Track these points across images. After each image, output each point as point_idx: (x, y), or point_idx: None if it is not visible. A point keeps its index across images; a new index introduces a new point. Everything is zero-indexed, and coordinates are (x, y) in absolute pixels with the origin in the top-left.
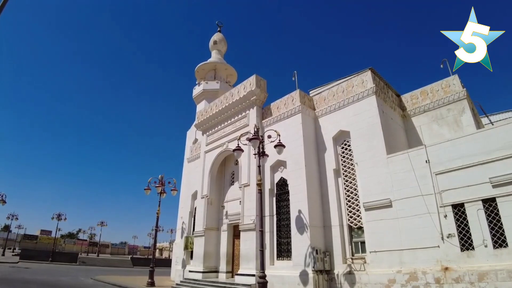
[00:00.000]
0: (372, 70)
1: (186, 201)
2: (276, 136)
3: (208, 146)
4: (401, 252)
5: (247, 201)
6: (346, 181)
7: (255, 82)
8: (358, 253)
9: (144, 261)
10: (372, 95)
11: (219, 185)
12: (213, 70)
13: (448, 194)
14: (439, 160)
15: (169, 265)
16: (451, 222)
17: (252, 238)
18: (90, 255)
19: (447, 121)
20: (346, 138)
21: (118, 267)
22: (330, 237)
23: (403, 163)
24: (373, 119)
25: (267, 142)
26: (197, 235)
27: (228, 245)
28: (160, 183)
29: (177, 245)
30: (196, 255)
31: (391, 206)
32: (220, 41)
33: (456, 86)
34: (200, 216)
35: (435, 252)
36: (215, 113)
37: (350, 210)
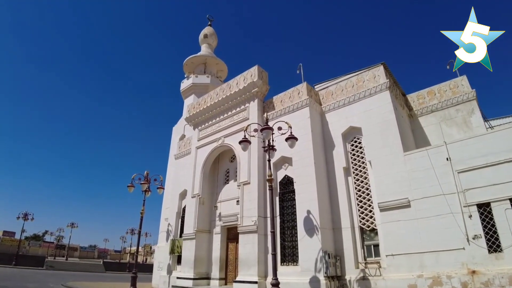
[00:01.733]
0: (384, 65)
1: (172, 201)
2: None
3: (200, 142)
4: (422, 255)
5: (247, 200)
6: (356, 180)
7: (257, 73)
8: (370, 257)
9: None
10: (386, 90)
11: (211, 183)
12: (203, 64)
13: (472, 193)
14: (461, 158)
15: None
16: (476, 222)
17: (254, 241)
18: (58, 258)
19: (456, 121)
20: (357, 135)
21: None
22: (340, 240)
23: (421, 161)
24: (387, 115)
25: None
26: (187, 238)
27: (221, 249)
28: (145, 180)
29: (160, 249)
30: (186, 260)
31: (409, 206)
32: (211, 35)
33: (465, 87)
34: (190, 217)
35: (460, 254)
36: (209, 106)
37: (361, 211)
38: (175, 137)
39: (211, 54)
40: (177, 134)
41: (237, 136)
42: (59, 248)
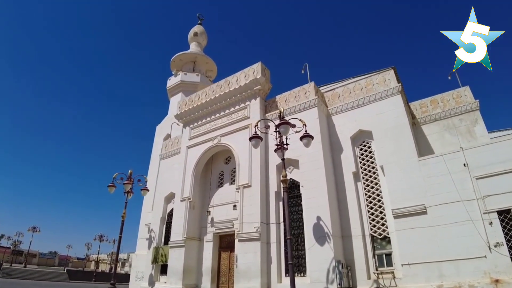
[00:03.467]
0: (395, 69)
1: (156, 205)
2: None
3: (192, 141)
4: (440, 264)
5: (247, 205)
6: (366, 186)
7: (260, 70)
8: (382, 267)
9: (82, 274)
10: (398, 94)
11: (203, 186)
12: (192, 63)
13: (492, 199)
14: (479, 164)
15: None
16: (497, 229)
17: (256, 250)
18: (14, 265)
19: (460, 130)
20: (366, 139)
21: (53, 281)
22: (350, 249)
23: (437, 167)
24: (400, 119)
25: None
26: (175, 246)
27: (213, 259)
28: (128, 180)
29: (139, 257)
30: (173, 270)
31: (426, 213)
32: (201, 33)
33: (468, 97)
34: (178, 223)
35: (481, 262)
36: (204, 103)
37: (372, 218)
38: (159, 137)
39: (201, 52)
40: (162, 133)
41: (236, 135)
42: (16, 254)
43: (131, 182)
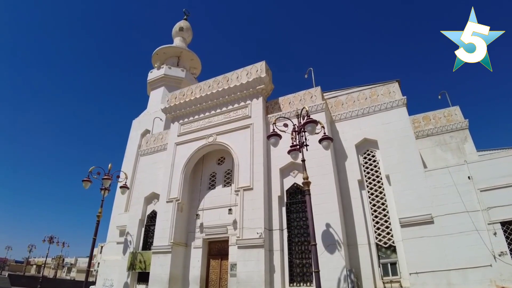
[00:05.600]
0: (399, 82)
1: (134, 206)
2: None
3: (182, 137)
4: (448, 272)
5: (248, 209)
6: (371, 194)
7: (265, 69)
8: (387, 276)
9: (27, 280)
10: (403, 106)
11: (192, 188)
12: (176, 57)
13: (496, 211)
14: (482, 177)
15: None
16: (501, 239)
17: (259, 257)
18: None
19: (450, 147)
20: (370, 148)
21: None
22: (356, 257)
23: (443, 178)
24: (406, 131)
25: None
26: (160, 251)
27: (202, 267)
28: (107, 175)
29: (108, 263)
30: (156, 278)
31: (432, 223)
32: (187, 29)
33: (458, 116)
34: (164, 226)
35: (487, 271)
36: (198, 98)
37: (377, 227)
38: (135, 131)
39: (186, 48)
40: (139, 128)
41: (235, 134)
42: None
43: (110, 178)
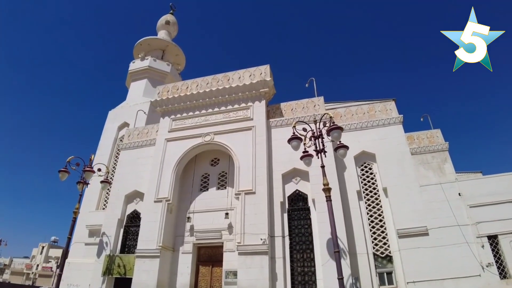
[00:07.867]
0: (395, 101)
1: (112, 204)
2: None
3: (173, 133)
4: (443, 281)
5: (250, 214)
6: (368, 205)
7: (269, 72)
8: (383, 285)
9: None
10: (400, 124)
11: (182, 188)
12: (161, 51)
13: (483, 225)
14: (471, 194)
15: None
16: (488, 252)
17: (262, 265)
18: None
19: (432, 166)
20: (368, 160)
21: None
22: (355, 266)
23: (436, 194)
24: (402, 147)
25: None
26: (145, 255)
27: (191, 274)
28: (89, 167)
29: (73, 266)
30: (140, 285)
31: (427, 234)
32: (173, 23)
33: (439, 138)
34: (151, 228)
35: (477, 280)
36: (194, 94)
37: (374, 237)
38: (111, 123)
39: (171, 42)
40: (116, 120)
41: (235, 135)
42: None
43: (91, 170)
